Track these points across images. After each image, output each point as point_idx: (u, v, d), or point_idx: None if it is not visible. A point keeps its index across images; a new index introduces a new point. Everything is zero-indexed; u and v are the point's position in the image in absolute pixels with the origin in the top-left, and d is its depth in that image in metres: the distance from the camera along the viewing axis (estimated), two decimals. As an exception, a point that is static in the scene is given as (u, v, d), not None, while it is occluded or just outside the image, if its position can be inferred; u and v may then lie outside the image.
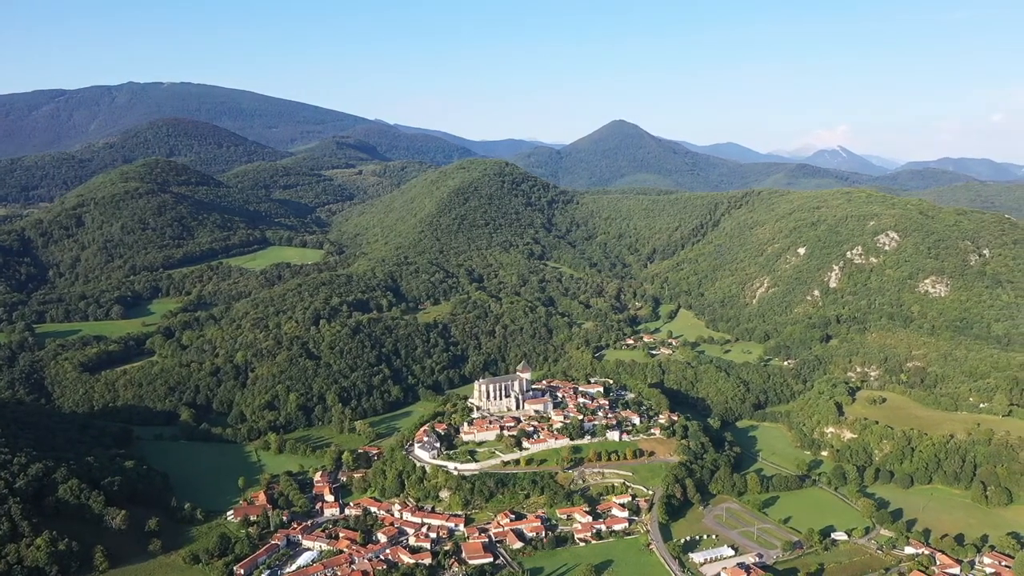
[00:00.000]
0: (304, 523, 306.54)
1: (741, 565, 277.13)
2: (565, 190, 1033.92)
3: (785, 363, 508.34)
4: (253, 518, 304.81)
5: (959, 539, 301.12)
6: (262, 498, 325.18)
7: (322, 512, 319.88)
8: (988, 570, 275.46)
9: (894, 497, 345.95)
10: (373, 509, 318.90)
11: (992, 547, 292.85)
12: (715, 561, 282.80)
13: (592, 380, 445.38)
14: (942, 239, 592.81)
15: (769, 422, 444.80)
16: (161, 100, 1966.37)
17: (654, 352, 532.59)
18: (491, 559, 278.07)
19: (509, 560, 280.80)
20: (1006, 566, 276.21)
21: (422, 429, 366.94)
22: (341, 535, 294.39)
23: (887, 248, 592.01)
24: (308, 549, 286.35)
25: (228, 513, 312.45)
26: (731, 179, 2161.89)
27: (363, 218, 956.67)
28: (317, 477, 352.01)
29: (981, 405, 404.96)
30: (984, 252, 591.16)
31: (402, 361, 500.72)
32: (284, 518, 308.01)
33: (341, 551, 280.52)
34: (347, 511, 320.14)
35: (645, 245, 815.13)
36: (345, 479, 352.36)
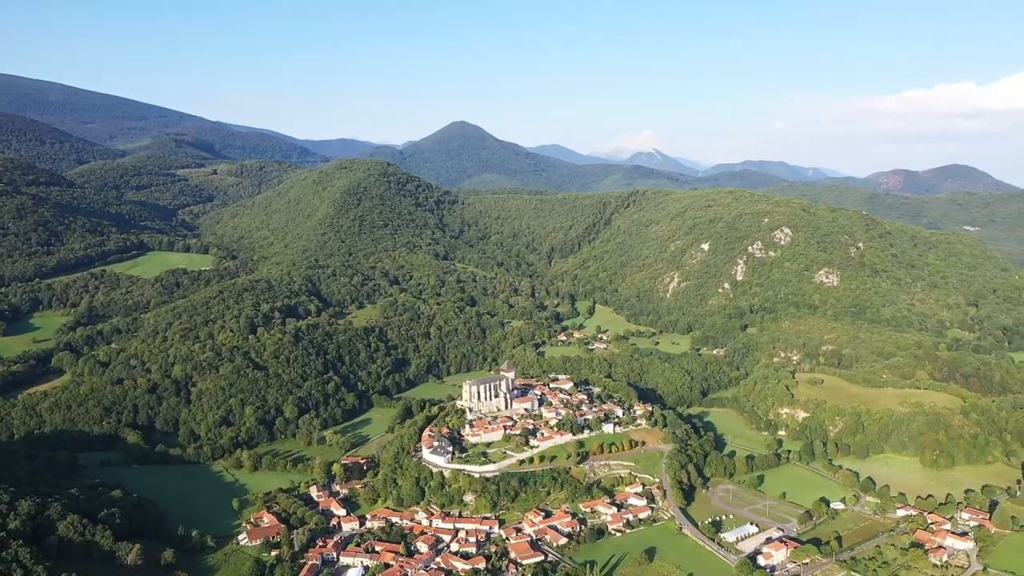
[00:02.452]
0: (330, 540, 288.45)
1: (772, 539, 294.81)
2: (449, 190, 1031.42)
3: (715, 352, 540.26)
4: (274, 539, 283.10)
5: (928, 499, 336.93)
6: (269, 518, 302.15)
7: (340, 527, 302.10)
8: (972, 523, 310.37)
9: (857, 467, 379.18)
10: (395, 519, 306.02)
11: (962, 504, 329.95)
12: (746, 539, 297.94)
13: (559, 377, 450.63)
14: (827, 234, 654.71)
15: (716, 407, 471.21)
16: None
17: (592, 347, 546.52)
18: (542, 557, 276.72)
19: (560, 556, 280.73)
20: (983, 519, 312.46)
21: (426, 435, 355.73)
22: (379, 548, 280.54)
23: (783, 243, 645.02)
24: (351, 566, 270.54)
25: (240, 537, 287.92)
26: (572, 180, 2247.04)
27: (238, 220, 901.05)
28: (315, 492, 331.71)
29: (905, 381, 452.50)
30: (859, 245, 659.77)
31: (347, 367, 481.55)
32: (305, 537, 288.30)
33: (389, 564, 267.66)
34: (367, 523, 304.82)
35: (542, 244, 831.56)
36: (346, 491, 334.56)
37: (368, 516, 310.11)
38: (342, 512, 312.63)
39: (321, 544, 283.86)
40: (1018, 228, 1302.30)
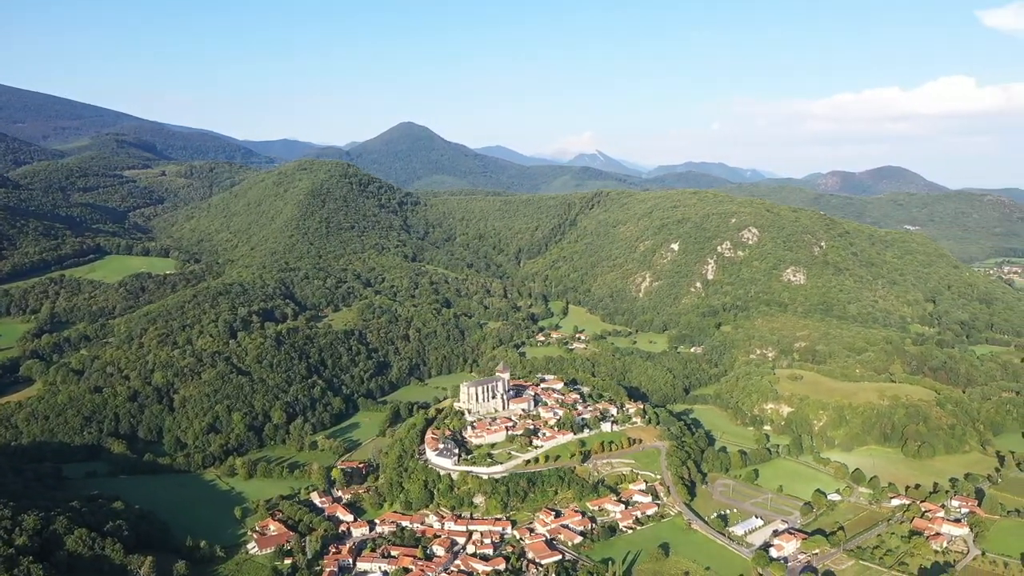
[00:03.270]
0: (343, 546, 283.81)
1: (779, 531, 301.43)
2: (410, 192, 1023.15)
3: (692, 350, 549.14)
4: (285, 547, 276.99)
5: (917, 488, 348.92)
6: (276, 526, 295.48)
7: (350, 532, 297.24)
8: (964, 510, 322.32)
9: (843, 459, 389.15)
10: (405, 523, 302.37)
11: (950, 492, 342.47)
12: (754, 531, 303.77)
13: (547, 377, 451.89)
14: (791, 234, 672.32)
15: (700, 404, 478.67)
16: None
17: (571, 347, 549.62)
18: (559, 556, 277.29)
19: (576, 554, 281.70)
20: (973, 506, 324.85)
21: (429, 437, 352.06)
22: (395, 553, 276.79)
23: (751, 242, 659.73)
24: (369, 572, 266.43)
25: (249, 546, 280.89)
26: (521, 181, 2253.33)
27: (195, 223, 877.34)
28: (317, 498, 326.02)
29: (880, 375, 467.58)
30: (822, 244, 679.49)
31: (330, 371, 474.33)
32: (318, 544, 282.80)
33: (408, 569, 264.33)
34: (377, 528, 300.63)
35: (509, 245, 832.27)
36: (349, 496, 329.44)
37: (377, 521, 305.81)
38: (350, 517, 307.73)
39: (335, 550, 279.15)
40: (955, 227, 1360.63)
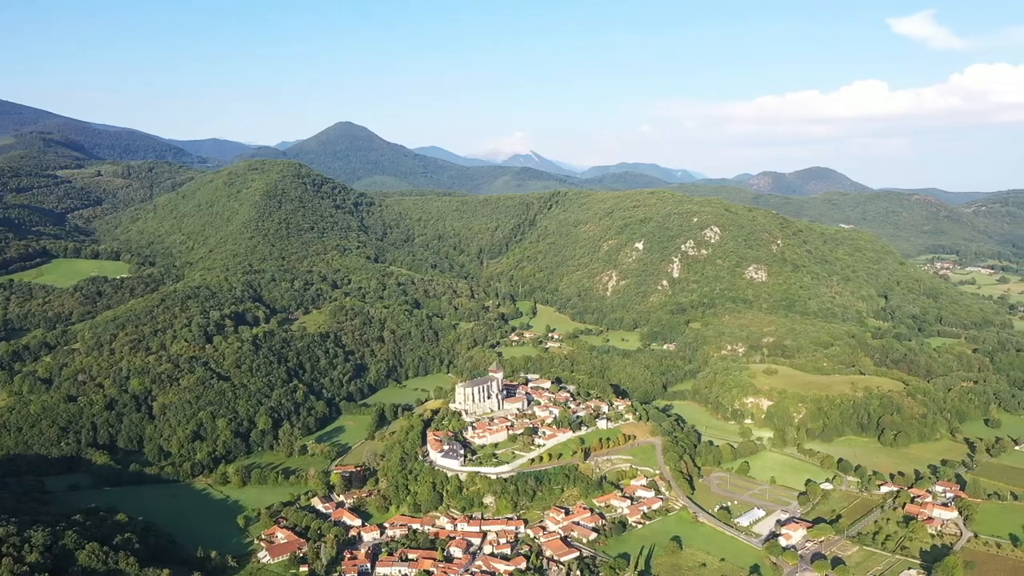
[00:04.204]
0: (357, 551, 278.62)
1: (782, 521, 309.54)
2: (364, 192, 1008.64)
3: (665, 347, 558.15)
4: (300, 555, 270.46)
5: (901, 476, 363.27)
6: (284, 533, 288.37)
7: (361, 537, 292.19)
8: (949, 495, 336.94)
9: (825, 450, 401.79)
10: (416, 526, 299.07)
11: (932, 479, 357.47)
12: (759, 522, 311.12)
13: (532, 376, 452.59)
14: (751, 232, 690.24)
15: (678, 400, 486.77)
16: None
17: (546, 347, 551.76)
18: (576, 553, 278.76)
19: (593, 551, 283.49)
20: (957, 491, 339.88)
21: (432, 439, 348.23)
22: (413, 556, 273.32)
23: (713, 241, 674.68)
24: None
25: (260, 555, 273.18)
26: (461, 181, 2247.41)
27: (142, 225, 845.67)
28: (319, 503, 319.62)
29: (850, 368, 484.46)
30: (779, 242, 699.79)
31: (309, 375, 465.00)
32: (333, 550, 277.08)
33: (430, 572, 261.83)
34: (387, 532, 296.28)
35: (470, 245, 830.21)
36: (352, 501, 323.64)
37: (386, 524, 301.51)
38: (357, 522, 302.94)
39: (350, 556, 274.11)
40: (887, 225, 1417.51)
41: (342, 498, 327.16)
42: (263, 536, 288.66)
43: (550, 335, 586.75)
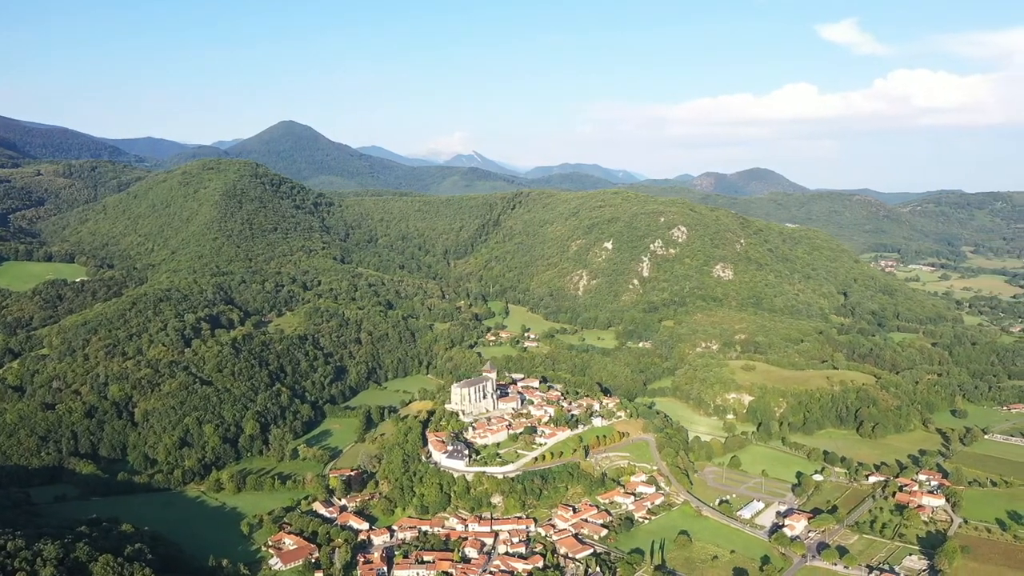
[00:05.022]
0: (370, 555, 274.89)
1: (781, 512, 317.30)
2: (322, 192, 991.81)
3: (641, 345, 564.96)
4: (313, 560, 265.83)
5: (886, 467, 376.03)
6: (293, 539, 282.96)
7: (371, 540, 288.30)
8: (934, 482, 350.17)
9: (808, 443, 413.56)
10: (425, 527, 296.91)
11: (914, 468, 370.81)
12: (759, 514, 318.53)
13: (519, 376, 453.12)
14: (716, 232, 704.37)
15: (659, 397, 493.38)
16: None
17: (524, 346, 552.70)
18: (590, 550, 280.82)
19: (606, 547, 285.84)
20: (940, 479, 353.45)
21: (434, 440, 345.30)
22: (430, 558, 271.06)
23: (680, 240, 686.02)
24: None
25: (272, 562, 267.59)
26: (409, 181, 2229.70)
27: (92, 226, 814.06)
28: (321, 508, 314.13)
29: (823, 362, 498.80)
30: (742, 241, 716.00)
31: (291, 378, 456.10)
32: (348, 555, 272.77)
33: (449, 573, 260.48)
34: (397, 535, 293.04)
35: (435, 245, 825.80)
36: (355, 504, 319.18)
37: (395, 527, 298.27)
38: (365, 525, 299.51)
39: (364, 560, 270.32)
40: (830, 225, 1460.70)
41: (344, 502, 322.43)
42: (270, 543, 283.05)
43: (526, 335, 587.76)
